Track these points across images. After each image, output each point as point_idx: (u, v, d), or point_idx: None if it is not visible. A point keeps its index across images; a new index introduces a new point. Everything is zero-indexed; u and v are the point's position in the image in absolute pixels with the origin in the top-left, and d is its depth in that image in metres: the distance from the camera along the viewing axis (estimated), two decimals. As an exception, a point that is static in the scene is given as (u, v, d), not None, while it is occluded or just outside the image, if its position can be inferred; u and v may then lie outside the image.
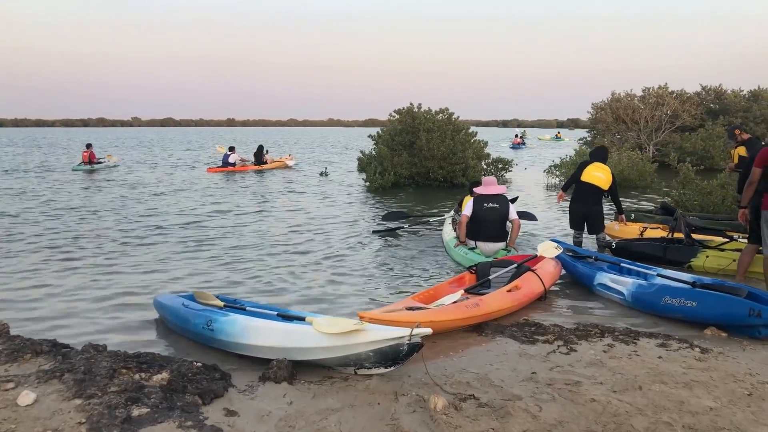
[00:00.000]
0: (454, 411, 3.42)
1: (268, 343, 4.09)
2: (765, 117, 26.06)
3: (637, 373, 4.01)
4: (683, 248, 7.38)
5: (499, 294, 5.40)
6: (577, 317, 5.54)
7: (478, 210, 7.36)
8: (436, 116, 17.31)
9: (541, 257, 6.39)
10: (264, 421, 3.35)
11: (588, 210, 8.04)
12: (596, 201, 8.09)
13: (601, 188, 7.99)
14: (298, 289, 6.63)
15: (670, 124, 23.17)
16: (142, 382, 3.49)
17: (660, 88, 23.79)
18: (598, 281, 6.09)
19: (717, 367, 4.13)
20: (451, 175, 16.56)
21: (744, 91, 27.63)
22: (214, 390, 3.62)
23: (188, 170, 23.19)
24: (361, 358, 3.89)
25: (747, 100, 26.81)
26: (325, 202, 14.21)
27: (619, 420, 3.34)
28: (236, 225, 10.78)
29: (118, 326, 5.32)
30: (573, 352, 4.46)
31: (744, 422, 3.31)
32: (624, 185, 16.12)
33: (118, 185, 17.44)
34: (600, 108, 25.08)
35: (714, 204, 10.18)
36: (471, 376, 4.02)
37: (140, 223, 10.85)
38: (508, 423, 3.28)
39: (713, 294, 5.14)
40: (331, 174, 21.14)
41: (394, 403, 3.58)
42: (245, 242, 9.19)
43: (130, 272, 7.32)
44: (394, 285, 6.77)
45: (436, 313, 4.78)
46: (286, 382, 3.85)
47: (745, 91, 27.59)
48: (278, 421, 3.35)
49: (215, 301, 4.97)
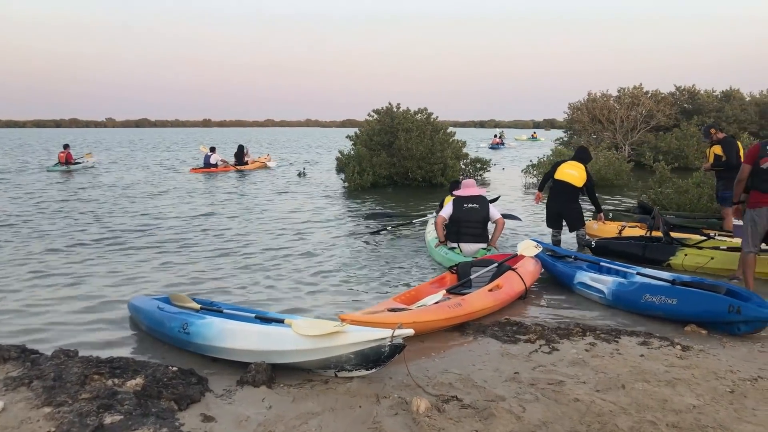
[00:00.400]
0: (437, 413, 3.36)
1: (245, 347, 3.99)
2: (737, 117, 26.53)
3: (619, 372, 3.99)
4: (662, 247, 7.41)
5: (481, 293, 5.36)
6: (558, 316, 5.52)
7: (458, 211, 7.32)
8: (415, 116, 17.27)
9: (521, 256, 6.36)
10: (242, 426, 3.26)
11: (563, 208, 8.07)
12: (571, 199, 8.10)
13: (574, 186, 8.02)
14: (277, 291, 6.53)
15: (645, 123, 23.42)
16: (115, 388, 3.37)
17: (635, 89, 24.04)
18: (578, 280, 6.08)
19: (698, 365, 4.13)
20: (430, 175, 16.53)
21: (716, 91, 28.12)
22: (191, 395, 3.51)
23: (167, 171, 22.86)
24: (341, 361, 3.81)
25: (719, 100, 27.28)
26: (304, 203, 14.09)
27: (603, 420, 3.30)
28: (215, 227, 10.60)
29: (91, 331, 5.17)
30: (555, 351, 4.43)
31: (727, 420, 3.30)
32: (601, 184, 16.18)
33: (94, 186, 17.12)
34: (576, 108, 25.27)
35: (690, 202, 10.28)
36: (453, 376, 3.96)
37: (117, 225, 10.63)
38: (491, 424, 3.23)
39: (693, 291, 5.15)
40: (309, 174, 21.00)
41: (375, 406, 3.51)
42: (224, 244, 9.04)
43: (104, 275, 7.14)
44: (376, 286, 6.69)
45: (418, 314, 4.71)
46: (264, 386, 3.76)
47: (717, 92, 28.07)
48: (257, 426, 3.26)
49: (191, 304, 4.85)
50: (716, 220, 9.04)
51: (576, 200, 8.15)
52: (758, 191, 5.75)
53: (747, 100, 28.62)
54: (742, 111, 27.17)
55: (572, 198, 8.11)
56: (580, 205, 8.29)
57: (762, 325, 4.79)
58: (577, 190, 8.07)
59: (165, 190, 16.34)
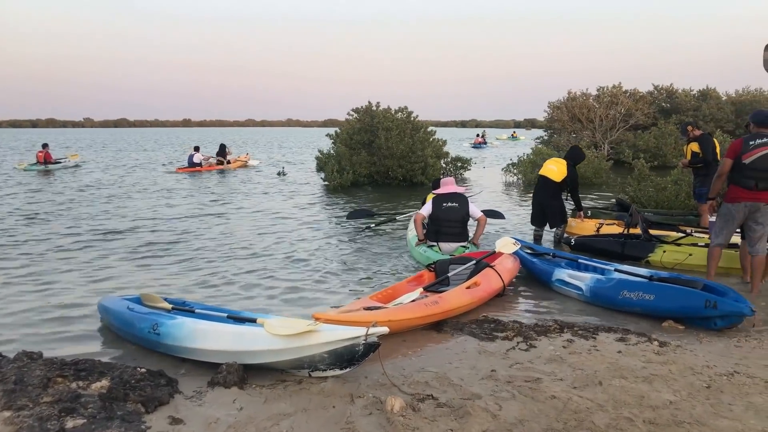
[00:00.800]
0: (412, 412, 3.30)
1: (216, 347, 3.89)
2: (713, 115, 26.85)
3: (597, 369, 3.95)
4: (641, 244, 7.43)
5: (458, 291, 5.30)
6: (536, 313, 5.49)
7: (438, 210, 7.25)
8: (395, 115, 17.21)
9: (500, 253, 6.32)
10: (211, 429, 3.16)
11: (546, 203, 8.16)
12: (552, 194, 8.19)
13: (553, 180, 8.12)
14: (255, 290, 6.41)
15: (624, 122, 23.60)
16: (79, 391, 3.25)
17: (614, 87, 24.22)
18: (557, 277, 6.06)
19: (675, 361, 4.11)
20: (411, 173, 16.48)
21: (694, 90, 28.43)
22: (159, 397, 3.40)
23: (147, 171, 22.57)
24: (315, 360, 3.73)
25: (697, 99, 27.58)
26: (283, 202, 13.96)
27: (580, 417, 3.26)
28: (193, 227, 10.45)
29: (59, 333, 5.02)
30: (532, 348, 4.38)
31: (704, 415, 3.28)
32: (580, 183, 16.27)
33: (72, 187, 16.81)
34: (556, 107, 25.39)
35: (668, 199, 10.34)
36: (430, 375, 3.90)
37: (94, 225, 10.43)
38: (467, 423, 3.17)
39: (670, 287, 5.15)
40: (289, 174, 20.85)
41: (349, 406, 3.43)
42: (202, 244, 8.89)
43: (77, 276, 6.98)
44: (355, 285, 6.61)
45: (394, 312, 4.65)
46: (236, 386, 3.66)
47: (695, 91, 28.39)
48: (226, 428, 3.16)
49: (163, 304, 4.74)
50: (693, 217, 9.10)
51: (556, 196, 8.21)
52: (738, 186, 5.76)
53: (723, 99, 28.99)
54: (719, 110, 27.51)
55: (552, 193, 8.19)
56: (562, 201, 8.33)
57: (738, 320, 4.80)
58: (557, 185, 8.15)
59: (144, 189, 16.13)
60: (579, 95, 24.79)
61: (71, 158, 23.82)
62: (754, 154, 5.61)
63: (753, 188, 5.65)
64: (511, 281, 6.22)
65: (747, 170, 5.66)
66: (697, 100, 27.51)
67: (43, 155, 22.20)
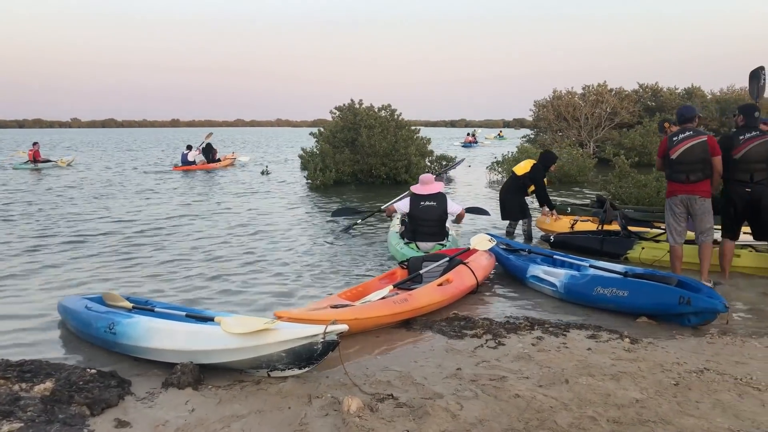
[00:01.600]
0: (369, 412, 3.18)
1: (171, 346, 3.76)
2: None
3: (564, 367, 3.85)
4: (619, 240, 7.35)
5: (429, 288, 5.19)
6: (508, 310, 5.38)
7: (415, 209, 7.14)
8: (379, 113, 17.09)
9: (474, 250, 6.22)
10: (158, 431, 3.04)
11: (503, 197, 8.63)
12: (510, 188, 8.61)
13: (515, 174, 8.56)
14: (227, 289, 6.21)
15: (610, 121, 23.61)
16: (19, 394, 3.12)
17: (599, 86, 24.22)
18: (531, 273, 5.96)
19: (645, 358, 4.02)
20: (394, 172, 16.36)
21: (679, 88, 28.47)
22: (107, 399, 3.27)
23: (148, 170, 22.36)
24: (273, 360, 3.61)
25: (682, 98, 27.60)
26: (264, 201, 13.80)
27: (542, 416, 3.16)
28: (168, 225, 10.27)
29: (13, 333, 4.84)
30: (501, 345, 4.28)
31: (669, 413, 3.18)
32: (564, 180, 16.27)
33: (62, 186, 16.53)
34: (542, 105, 25.36)
35: (649, 196, 10.28)
36: (393, 374, 3.79)
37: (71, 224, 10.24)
38: (425, 423, 3.06)
39: (644, 283, 5.07)
40: (273, 172, 20.67)
41: (306, 407, 3.31)
42: (179, 243, 8.72)
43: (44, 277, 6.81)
44: (334, 283, 6.46)
45: (360, 310, 4.54)
46: (190, 387, 3.53)
47: (680, 89, 28.43)
48: (174, 431, 3.04)
49: (123, 303, 4.60)
50: None
51: (513, 191, 8.50)
52: (671, 181, 5.98)
53: (708, 97, 29.05)
54: (704, 108, 27.54)
55: (511, 187, 8.61)
56: (522, 197, 8.52)
57: (712, 317, 4.72)
58: (518, 179, 8.51)
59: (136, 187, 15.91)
60: (564, 94, 24.78)
61: (61, 163, 23.51)
62: (679, 149, 5.84)
63: (685, 181, 5.82)
64: (485, 278, 6.12)
65: (675, 165, 5.87)
66: (683, 98, 27.54)
67: (32, 153, 22.02)
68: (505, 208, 8.58)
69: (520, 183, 8.48)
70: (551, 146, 20.32)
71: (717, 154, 5.81)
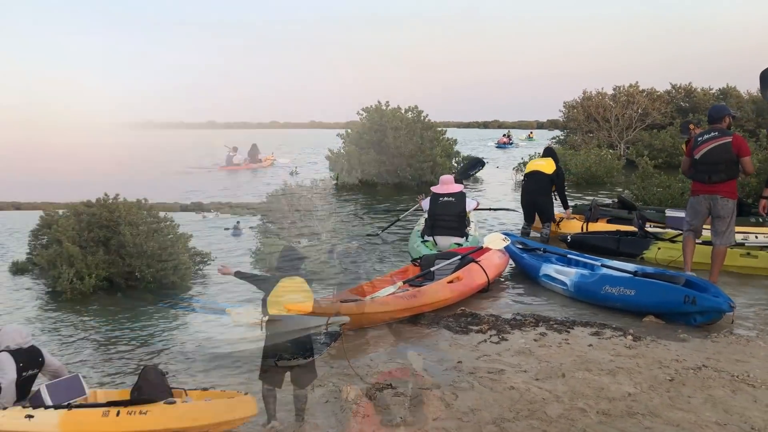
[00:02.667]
0: (367, 401, 3.33)
1: None
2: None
3: (563, 361, 3.95)
4: (636, 241, 7.35)
5: (439, 285, 5.32)
6: (517, 308, 5.47)
7: (434, 206, 7.30)
8: (405, 114, 17.21)
9: (487, 249, 6.30)
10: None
11: (537, 198, 8.12)
12: (542, 190, 8.12)
13: (544, 173, 8.09)
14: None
15: (641, 122, 23.30)
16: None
17: (631, 87, 23.91)
18: (543, 272, 6.03)
19: (645, 354, 4.08)
20: (420, 173, 16.44)
21: (714, 89, 27.89)
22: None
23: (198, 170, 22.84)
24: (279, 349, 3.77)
25: (716, 98, 27.05)
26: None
27: (533, 407, 3.27)
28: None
29: None
30: (504, 341, 4.39)
31: (660, 407, 3.26)
32: (591, 182, 16.15)
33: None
34: (572, 107, 25.15)
35: (672, 197, 10.18)
36: (395, 366, 3.94)
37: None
38: (419, 412, 3.20)
39: (650, 282, 5.10)
40: (301, 174, 20.95)
41: (309, 393, 3.47)
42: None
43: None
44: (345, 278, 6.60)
45: (369, 305, 4.69)
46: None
47: (714, 89, 27.84)
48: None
49: None
50: None
51: (546, 192, 8.16)
52: (694, 180, 5.93)
53: (745, 98, 28.40)
54: (739, 109, 26.94)
55: (542, 189, 8.13)
56: (552, 198, 8.29)
57: (717, 316, 4.74)
58: (548, 177, 8.08)
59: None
60: (595, 95, 24.52)
61: None
62: (702, 149, 5.77)
63: (707, 181, 5.74)
64: (497, 277, 6.20)
65: (698, 165, 5.79)
66: (717, 99, 26.98)
67: None
68: (543, 211, 8.14)
69: (550, 182, 8.15)
70: (581, 147, 20.19)
71: (744, 155, 5.70)
